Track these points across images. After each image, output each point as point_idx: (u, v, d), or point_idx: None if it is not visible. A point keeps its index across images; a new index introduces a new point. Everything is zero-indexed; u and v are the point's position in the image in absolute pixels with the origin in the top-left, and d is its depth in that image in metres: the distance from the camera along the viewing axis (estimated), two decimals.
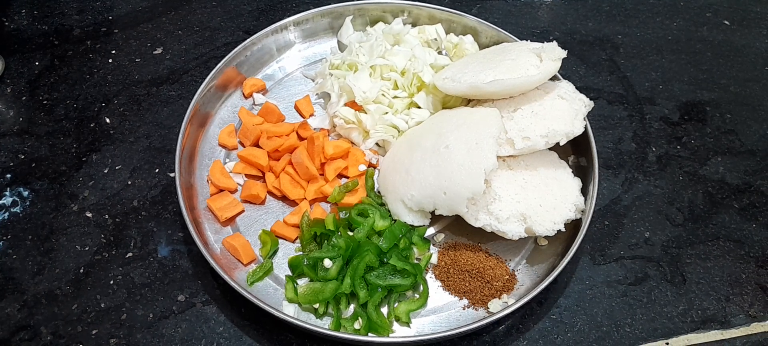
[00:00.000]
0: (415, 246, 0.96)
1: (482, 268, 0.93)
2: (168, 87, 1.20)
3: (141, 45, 1.27)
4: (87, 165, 1.08)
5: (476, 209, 0.92)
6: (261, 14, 1.33)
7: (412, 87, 1.09)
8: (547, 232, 0.91)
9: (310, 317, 0.90)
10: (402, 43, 1.17)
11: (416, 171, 0.95)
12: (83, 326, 0.90)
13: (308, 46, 1.24)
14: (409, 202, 0.96)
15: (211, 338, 0.89)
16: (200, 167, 1.05)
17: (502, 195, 0.93)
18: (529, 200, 0.93)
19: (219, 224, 0.99)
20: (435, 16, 1.22)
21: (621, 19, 1.35)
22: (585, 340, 0.90)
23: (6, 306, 0.91)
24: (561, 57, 0.99)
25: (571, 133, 0.95)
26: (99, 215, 1.01)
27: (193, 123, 1.06)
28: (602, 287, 0.96)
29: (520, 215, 0.92)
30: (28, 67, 1.22)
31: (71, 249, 0.97)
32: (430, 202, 0.93)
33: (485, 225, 0.91)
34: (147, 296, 0.93)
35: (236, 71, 1.15)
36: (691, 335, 0.92)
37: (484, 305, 0.91)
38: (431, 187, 0.93)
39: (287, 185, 1.01)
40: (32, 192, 1.04)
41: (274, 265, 0.95)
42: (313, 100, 1.16)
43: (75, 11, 1.32)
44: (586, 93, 1.02)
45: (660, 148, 1.13)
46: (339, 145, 1.05)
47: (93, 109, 1.16)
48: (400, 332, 0.89)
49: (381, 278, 0.89)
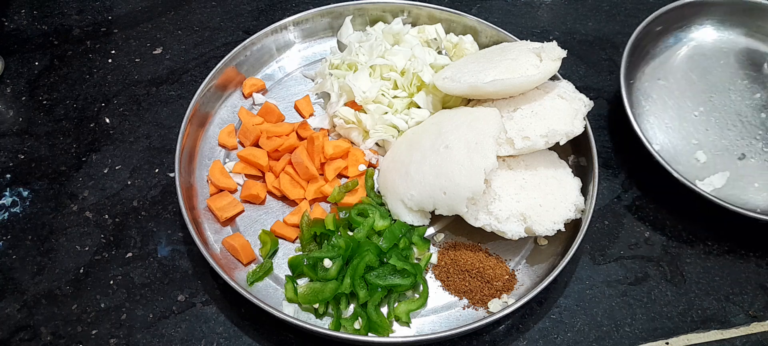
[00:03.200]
0: (415, 246, 0.96)
1: (482, 268, 0.93)
2: (168, 87, 1.20)
3: (141, 45, 1.27)
4: (87, 165, 1.08)
5: (476, 209, 0.92)
6: (261, 14, 1.33)
7: (412, 87, 1.09)
8: (547, 232, 0.91)
9: (310, 317, 0.90)
10: (402, 42, 1.17)
11: (416, 171, 0.95)
12: (83, 326, 0.90)
13: (308, 46, 1.24)
14: (409, 202, 0.96)
15: (210, 338, 0.89)
16: (200, 167, 1.05)
17: (502, 195, 0.93)
18: (529, 199, 0.93)
19: (219, 224, 0.99)
20: (435, 16, 1.22)
21: (621, 19, 1.35)
22: (585, 340, 0.90)
23: (6, 306, 0.91)
24: (561, 57, 0.99)
25: (571, 133, 0.95)
26: (99, 215, 1.01)
27: (192, 123, 1.06)
28: (602, 286, 0.96)
29: (520, 215, 0.92)
30: (28, 67, 1.22)
31: (71, 249, 0.97)
32: (430, 202, 0.93)
33: (485, 225, 0.91)
34: (147, 296, 0.93)
35: (236, 71, 1.15)
36: (691, 334, 0.92)
37: (484, 305, 0.91)
38: (431, 187, 0.93)
39: (287, 185, 1.01)
40: (32, 192, 1.04)
41: (274, 265, 0.95)
42: (313, 100, 1.16)
43: (75, 11, 1.32)
44: (586, 93, 1.02)
45: None
46: (339, 145, 1.05)
47: (93, 109, 1.16)
48: (400, 332, 0.89)
49: (381, 278, 0.89)
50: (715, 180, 1.05)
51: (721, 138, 1.11)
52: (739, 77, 1.18)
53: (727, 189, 1.04)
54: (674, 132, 1.11)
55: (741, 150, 1.09)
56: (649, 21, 1.16)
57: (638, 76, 1.17)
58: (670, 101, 1.15)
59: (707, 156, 1.08)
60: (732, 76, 1.18)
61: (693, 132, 1.11)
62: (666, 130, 1.11)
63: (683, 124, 1.12)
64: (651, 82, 1.17)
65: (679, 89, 1.17)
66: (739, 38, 1.23)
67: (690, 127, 1.12)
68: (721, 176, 1.05)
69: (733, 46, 1.22)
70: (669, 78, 1.18)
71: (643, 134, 1.01)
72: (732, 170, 1.06)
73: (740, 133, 1.11)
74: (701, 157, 1.08)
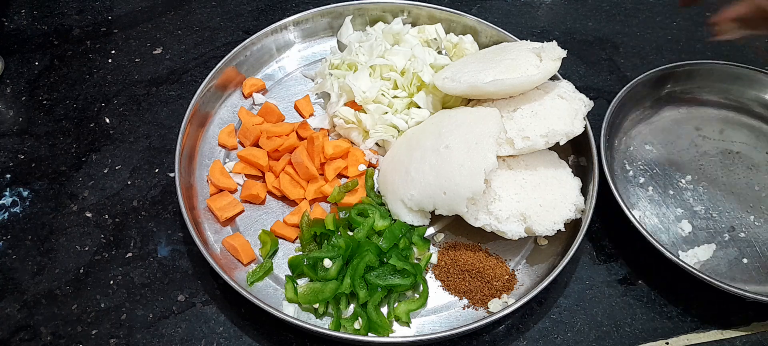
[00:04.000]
0: (415, 246, 0.96)
1: (482, 268, 0.93)
2: (168, 87, 1.20)
3: (141, 45, 1.27)
4: (87, 165, 1.08)
5: (476, 209, 0.92)
6: (261, 14, 1.33)
7: (412, 87, 1.09)
8: (547, 231, 0.91)
9: (310, 317, 0.90)
10: (402, 42, 1.17)
11: (416, 171, 0.95)
12: (83, 326, 0.90)
13: (308, 46, 1.24)
14: (408, 202, 0.96)
15: (210, 338, 0.89)
16: (200, 167, 1.05)
17: (502, 195, 0.93)
18: (529, 199, 0.93)
19: (219, 224, 0.99)
20: (435, 16, 1.22)
21: (621, 19, 1.35)
22: (585, 340, 0.90)
23: (6, 306, 0.91)
24: (561, 57, 0.99)
25: (571, 133, 0.95)
26: (99, 215, 1.01)
27: (192, 123, 1.06)
28: (602, 286, 0.96)
29: (520, 215, 0.92)
30: (28, 67, 1.22)
31: (71, 249, 0.97)
32: (430, 202, 0.93)
33: (485, 225, 0.91)
34: (147, 296, 0.93)
35: (236, 71, 1.15)
36: (691, 334, 0.92)
37: (484, 305, 0.91)
38: (431, 187, 0.93)
39: (287, 185, 1.01)
40: (32, 192, 1.04)
41: (274, 265, 0.95)
42: (313, 100, 1.16)
43: (75, 11, 1.32)
44: (586, 93, 1.02)
45: None
46: (339, 145, 1.05)
47: (93, 109, 1.16)
48: (400, 332, 0.89)
49: (381, 278, 0.89)
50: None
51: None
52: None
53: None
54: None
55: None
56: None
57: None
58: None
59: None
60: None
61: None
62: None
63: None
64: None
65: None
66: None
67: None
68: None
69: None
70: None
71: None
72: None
73: None
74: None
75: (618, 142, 1.09)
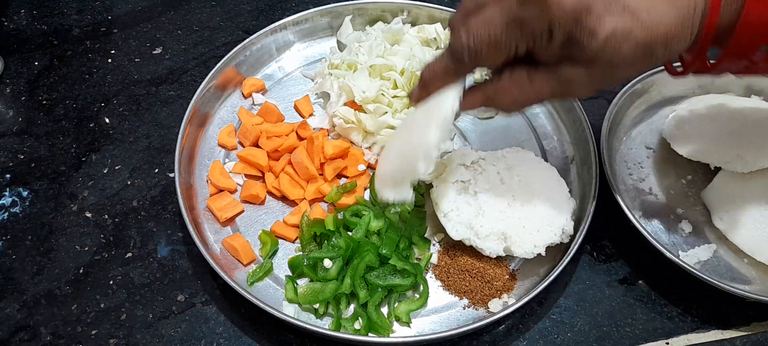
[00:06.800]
0: (415, 246, 0.96)
1: (482, 268, 0.93)
2: (167, 87, 1.19)
3: (140, 45, 1.27)
4: (86, 165, 1.08)
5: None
6: (260, 14, 1.33)
7: (412, 86, 1.09)
8: (526, 254, 0.90)
9: (310, 317, 0.90)
10: (401, 42, 1.17)
11: (389, 148, 0.91)
12: (83, 327, 0.90)
13: (307, 46, 1.24)
14: (386, 178, 0.89)
15: (210, 338, 0.89)
16: (200, 167, 1.05)
17: (487, 210, 0.92)
18: (514, 219, 0.91)
19: (219, 225, 0.99)
20: (434, 16, 1.22)
21: None
22: (585, 340, 0.90)
23: (5, 306, 0.91)
24: None
25: None
26: (98, 215, 1.01)
27: (192, 123, 1.06)
28: (602, 286, 0.96)
29: (501, 234, 0.90)
30: (28, 67, 1.22)
31: (71, 249, 0.97)
32: (399, 174, 0.86)
33: (464, 238, 0.91)
34: (146, 297, 0.93)
35: (235, 71, 1.15)
36: (691, 334, 0.92)
37: (484, 305, 0.91)
38: (395, 151, 0.87)
39: (287, 185, 1.01)
40: (31, 192, 1.04)
41: (274, 265, 0.95)
42: (313, 100, 1.15)
43: (74, 11, 1.32)
44: None
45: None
46: (338, 145, 1.04)
47: (92, 109, 1.15)
48: (400, 332, 0.89)
49: (381, 278, 0.89)
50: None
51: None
52: None
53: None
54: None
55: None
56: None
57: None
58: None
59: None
60: None
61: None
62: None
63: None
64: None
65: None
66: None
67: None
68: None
69: None
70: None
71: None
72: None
73: None
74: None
75: (618, 142, 1.09)
